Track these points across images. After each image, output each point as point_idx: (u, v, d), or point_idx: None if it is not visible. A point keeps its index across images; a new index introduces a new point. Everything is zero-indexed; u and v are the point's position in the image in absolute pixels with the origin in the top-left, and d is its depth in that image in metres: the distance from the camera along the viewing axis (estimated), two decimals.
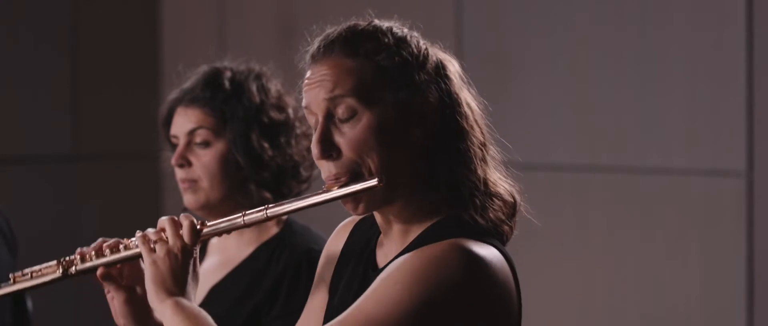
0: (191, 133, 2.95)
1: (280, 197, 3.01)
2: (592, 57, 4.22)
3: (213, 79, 2.97)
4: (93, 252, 2.19)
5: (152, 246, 2.11)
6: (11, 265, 3.37)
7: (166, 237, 2.11)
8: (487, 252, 1.98)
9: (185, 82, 3.00)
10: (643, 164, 4.13)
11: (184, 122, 2.96)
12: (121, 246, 2.17)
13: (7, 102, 5.23)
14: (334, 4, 4.88)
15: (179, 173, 2.97)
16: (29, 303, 3.51)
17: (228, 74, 2.98)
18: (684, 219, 4.03)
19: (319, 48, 2.08)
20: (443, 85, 2.07)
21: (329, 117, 2.04)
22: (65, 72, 5.39)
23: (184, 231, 2.11)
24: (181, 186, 2.97)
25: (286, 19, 5.20)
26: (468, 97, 2.11)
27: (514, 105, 4.33)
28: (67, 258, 2.21)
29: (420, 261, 1.95)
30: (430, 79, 2.07)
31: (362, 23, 2.10)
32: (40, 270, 2.23)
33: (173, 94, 3.01)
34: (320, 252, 2.91)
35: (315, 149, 2.04)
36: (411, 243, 2.06)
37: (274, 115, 2.96)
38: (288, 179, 2.97)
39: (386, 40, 2.07)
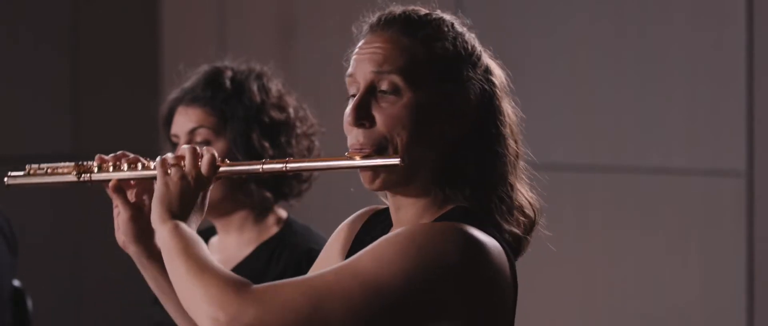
0: (192, 132, 2.95)
1: (281, 197, 3.01)
2: (592, 57, 4.22)
3: (214, 78, 2.97)
4: (111, 164, 2.18)
5: (168, 169, 2.10)
6: (12, 265, 3.38)
7: (184, 165, 2.11)
8: (488, 239, 1.99)
9: (186, 82, 3.01)
10: (643, 164, 4.13)
11: (184, 121, 2.96)
12: (139, 164, 2.16)
13: (7, 102, 5.23)
14: (334, 4, 4.89)
15: None
16: (29, 303, 3.52)
17: (229, 74, 2.98)
18: (684, 219, 4.03)
19: (379, 20, 2.10)
20: (487, 88, 2.09)
21: (371, 89, 2.06)
22: (65, 72, 5.39)
23: (203, 162, 2.11)
24: None
25: (286, 18, 5.20)
26: (508, 108, 2.13)
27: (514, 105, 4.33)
28: (85, 163, 2.18)
29: (421, 231, 1.96)
30: (476, 79, 2.08)
31: (424, 9, 2.12)
32: (56, 167, 2.19)
33: (174, 94, 3.01)
34: (321, 252, 2.92)
35: (349, 115, 2.05)
36: None
37: (275, 114, 2.96)
38: (289, 179, 2.97)
39: (446, 29, 2.09)
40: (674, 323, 4.08)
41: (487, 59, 2.13)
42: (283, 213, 3.04)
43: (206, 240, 3.11)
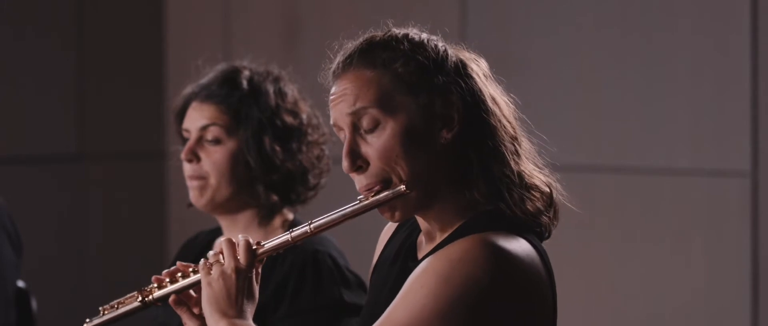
0: (203, 129, 2.94)
1: (287, 201, 3.00)
2: (597, 58, 4.22)
3: (231, 77, 2.97)
4: (167, 279, 2.23)
5: (209, 269, 2.14)
6: (16, 265, 3.37)
7: (222, 260, 2.14)
8: (516, 245, 2.00)
9: (202, 78, 3.00)
10: (647, 165, 4.13)
11: (197, 117, 2.95)
12: (190, 271, 2.21)
13: (13, 101, 5.23)
14: (338, 3, 4.88)
15: (187, 168, 2.96)
16: (34, 303, 3.52)
17: (246, 73, 2.97)
18: (688, 220, 4.02)
19: (338, 64, 2.13)
20: (464, 85, 2.09)
21: (355, 130, 2.08)
22: (70, 70, 5.39)
23: (240, 250, 2.14)
24: (188, 182, 2.97)
25: (291, 17, 5.20)
26: (494, 94, 2.13)
27: (517, 106, 4.32)
28: (145, 289, 2.26)
29: (443, 263, 1.97)
30: (450, 80, 2.09)
31: (379, 34, 2.13)
32: (123, 300, 2.30)
33: (189, 88, 3.00)
34: (325, 253, 2.92)
35: (344, 162, 2.08)
36: (446, 237, 2.08)
37: (289, 119, 2.96)
38: (296, 184, 2.97)
39: (401, 47, 2.10)
40: (678, 324, 4.08)
41: (458, 55, 2.13)
42: (289, 215, 3.04)
43: (211, 242, 3.10)
